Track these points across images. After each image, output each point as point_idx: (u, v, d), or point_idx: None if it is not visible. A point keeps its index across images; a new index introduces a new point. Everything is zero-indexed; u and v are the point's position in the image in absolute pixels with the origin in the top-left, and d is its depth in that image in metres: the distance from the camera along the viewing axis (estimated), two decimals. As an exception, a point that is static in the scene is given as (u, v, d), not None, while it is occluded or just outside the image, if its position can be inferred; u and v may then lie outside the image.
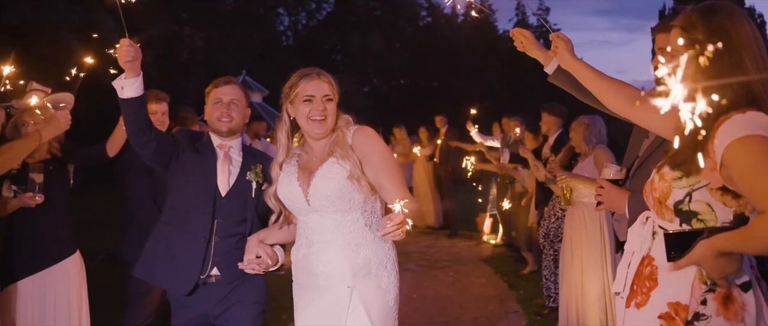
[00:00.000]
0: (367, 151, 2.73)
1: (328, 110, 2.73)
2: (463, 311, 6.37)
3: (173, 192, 3.26)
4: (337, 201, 2.67)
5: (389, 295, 2.75)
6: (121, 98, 2.96)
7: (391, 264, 2.78)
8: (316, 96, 2.72)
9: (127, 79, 2.92)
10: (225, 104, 3.24)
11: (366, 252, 2.71)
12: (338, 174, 2.67)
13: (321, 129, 2.73)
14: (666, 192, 1.95)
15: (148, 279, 3.34)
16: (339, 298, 2.71)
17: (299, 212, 2.81)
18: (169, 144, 3.21)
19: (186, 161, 3.21)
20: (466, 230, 11.18)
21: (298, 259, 2.85)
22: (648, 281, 1.98)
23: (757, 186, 1.71)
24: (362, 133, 2.78)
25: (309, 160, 2.81)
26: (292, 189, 2.76)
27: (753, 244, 1.75)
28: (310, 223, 2.77)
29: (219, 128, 3.26)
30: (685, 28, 1.97)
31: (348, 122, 2.81)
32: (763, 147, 1.72)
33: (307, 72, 2.77)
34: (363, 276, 2.71)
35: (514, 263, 8.60)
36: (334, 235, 2.72)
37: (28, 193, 3.76)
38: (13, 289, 3.76)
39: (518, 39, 2.79)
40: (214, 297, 3.19)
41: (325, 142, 2.78)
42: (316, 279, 2.76)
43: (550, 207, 5.93)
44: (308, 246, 2.78)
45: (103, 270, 4.52)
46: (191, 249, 3.14)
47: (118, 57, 2.88)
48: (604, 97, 2.33)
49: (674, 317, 1.88)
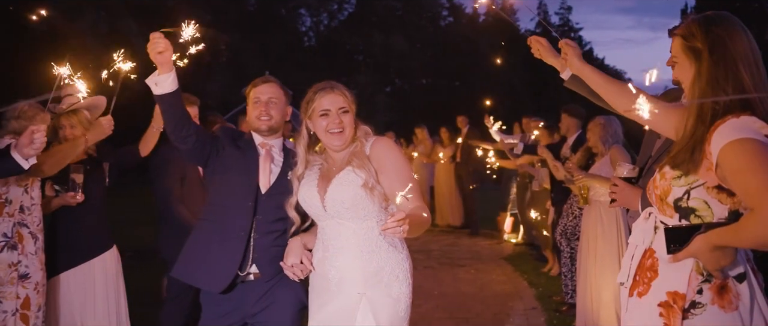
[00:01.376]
0: (384, 161, 2.79)
1: (345, 122, 2.82)
2: (483, 307, 6.50)
3: (214, 188, 3.24)
4: (351, 209, 2.74)
5: (400, 305, 2.79)
6: (157, 95, 2.94)
7: (403, 275, 2.82)
8: (332, 109, 2.81)
9: (161, 75, 2.89)
10: (263, 103, 3.23)
11: (378, 261, 2.77)
12: (353, 183, 2.74)
13: (339, 141, 2.82)
14: (667, 190, 2.09)
15: (184, 279, 3.30)
16: (349, 304, 2.78)
17: (317, 217, 2.91)
18: (209, 140, 3.19)
19: (227, 158, 3.20)
20: (487, 229, 11.30)
21: (314, 263, 2.94)
22: (649, 272, 2.12)
23: (747, 186, 1.84)
24: (380, 143, 2.85)
25: (329, 169, 2.90)
26: (311, 195, 2.85)
27: (743, 239, 1.88)
28: (327, 229, 2.86)
29: (259, 127, 3.25)
30: (686, 36, 2.12)
31: (367, 133, 2.89)
32: (754, 149, 1.85)
33: (322, 86, 2.85)
34: (374, 283, 2.76)
35: (534, 261, 8.71)
36: (348, 242, 2.79)
37: (69, 193, 4.00)
38: (57, 281, 4.03)
39: (535, 46, 2.92)
40: (253, 295, 3.16)
41: (345, 152, 2.86)
42: (328, 284, 2.84)
43: (568, 206, 6.05)
44: (324, 250, 2.87)
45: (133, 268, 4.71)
46: (229, 246, 3.11)
47: (149, 50, 2.85)
48: (610, 99, 2.48)
49: (672, 305, 2.03)
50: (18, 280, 3.64)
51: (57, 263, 4.04)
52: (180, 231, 3.95)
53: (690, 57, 2.13)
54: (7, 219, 3.66)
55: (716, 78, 2.02)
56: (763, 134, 1.90)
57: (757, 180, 1.80)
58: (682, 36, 2.15)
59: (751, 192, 1.83)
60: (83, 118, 4.17)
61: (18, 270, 3.64)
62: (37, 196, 3.85)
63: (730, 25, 2.06)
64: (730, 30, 2.05)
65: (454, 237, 11.15)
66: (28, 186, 3.78)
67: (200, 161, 3.22)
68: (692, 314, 2.01)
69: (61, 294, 4.05)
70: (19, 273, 3.64)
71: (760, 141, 1.87)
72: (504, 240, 10.51)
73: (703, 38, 2.07)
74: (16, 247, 3.66)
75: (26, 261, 3.68)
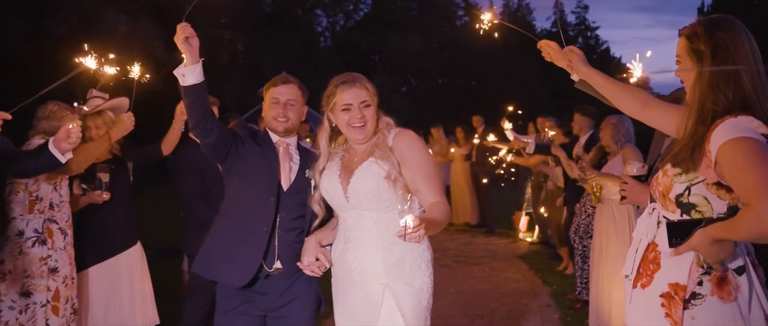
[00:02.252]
0: (407, 154, 2.79)
1: (367, 116, 2.81)
2: (498, 305, 6.58)
3: (234, 184, 3.22)
4: (373, 200, 2.74)
5: (422, 295, 2.78)
6: (184, 86, 2.91)
7: (425, 265, 2.81)
8: (354, 103, 2.79)
9: (188, 66, 2.87)
10: (282, 104, 3.21)
11: (400, 252, 2.75)
12: (376, 174, 2.74)
13: (361, 135, 2.82)
14: (669, 187, 2.18)
15: (204, 274, 3.30)
16: (372, 295, 2.77)
17: (339, 209, 2.90)
18: (229, 135, 3.17)
19: (247, 154, 3.19)
20: (503, 228, 11.35)
21: (335, 255, 2.93)
22: (652, 264, 2.22)
23: (743, 182, 1.93)
24: (403, 135, 2.84)
25: (350, 160, 2.89)
26: (334, 186, 2.84)
27: (739, 232, 1.97)
28: (349, 220, 2.85)
29: (275, 128, 3.24)
30: (690, 38, 2.20)
31: (389, 125, 2.88)
32: (750, 147, 1.94)
33: (344, 79, 2.83)
34: (396, 274, 2.75)
35: (549, 260, 8.76)
36: (370, 233, 2.78)
37: (96, 191, 4.17)
38: (85, 275, 4.21)
39: (545, 50, 3.00)
40: (275, 290, 3.17)
41: (367, 144, 2.86)
42: (351, 275, 2.83)
43: (581, 204, 6.11)
44: (345, 241, 2.87)
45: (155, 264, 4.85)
46: (252, 241, 3.11)
47: (177, 38, 2.82)
48: (616, 101, 2.57)
49: (674, 296, 2.12)
50: (48, 274, 3.81)
51: (86, 257, 4.22)
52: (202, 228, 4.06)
53: (693, 58, 2.21)
54: (38, 216, 3.82)
55: (717, 80, 2.11)
56: (759, 133, 1.98)
57: (753, 176, 1.89)
58: (686, 37, 2.23)
59: (746, 188, 1.92)
60: (108, 119, 4.33)
61: (48, 264, 3.81)
62: (65, 194, 4.01)
63: (733, 30, 2.14)
64: (733, 34, 2.13)
65: (469, 235, 11.22)
66: (56, 184, 3.94)
67: (220, 156, 3.19)
68: (692, 304, 2.10)
69: (89, 288, 4.23)
70: (49, 267, 3.81)
71: (756, 139, 1.96)
72: (519, 238, 10.57)
73: (706, 41, 2.15)
74: (46, 242, 3.82)
75: (56, 256, 3.85)
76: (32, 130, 4.02)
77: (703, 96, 2.14)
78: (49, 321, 3.79)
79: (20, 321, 3.71)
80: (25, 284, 3.76)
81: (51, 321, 3.80)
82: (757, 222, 1.88)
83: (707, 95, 2.13)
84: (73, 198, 4.16)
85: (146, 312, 4.50)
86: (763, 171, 1.89)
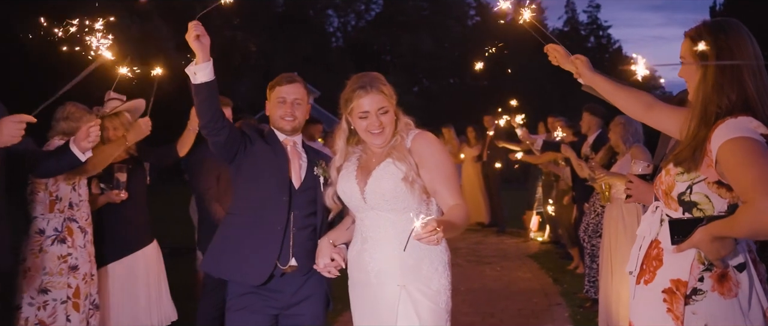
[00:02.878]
0: (426, 155, 2.76)
1: (385, 122, 2.78)
2: (509, 303, 6.64)
3: (244, 183, 3.22)
4: (391, 201, 2.72)
5: (440, 298, 2.75)
6: (195, 84, 2.92)
7: (442, 267, 2.79)
8: (371, 110, 2.76)
9: (199, 64, 2.87)
10: (289, 103, 3.23)
11: (418, 253, 2.70)
12: (394, 175, 2.72)
13: (379, 140, 2.80)
14: (671, 185, 2.25)
15: (215, 273, 3.32)
16: (389, 297, 2.75)
17: (356, 209, 2.88)
18: (238, 134, 3.17)
19: (256, 153, 3.20)
20: (514, 227, 11.40)
21: (352, 256, 2.91)
22: (655, 261, 2.28)
23: (742, 180, 1.99)
24: (422, 137, 2.82)
25: (368, 160, 2.88)
26: (351, 187, 2.83)
27: (738, 229, 2.02)
28: (366, 221, 2.83)
29: (283, 127, 3.26)
30: (695, 40, 2.26)
31: (408, 125, 2.85)
32: (748, 146, 2.01)
33: (360, 84, 2.78)
34: (413, 276, 2.73)
35: (560, 259, 8.81)
36: (387, 234, 2.75)
37: (114, 190, 4.28)
38: (105, 271, 4.34)
39: (551, 54, 3.05)
40: (289, 288, 3.19)
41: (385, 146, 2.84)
42: (368, 277, 2.81)
43: (590, 204, 6.16)
44: (362, 243, 2.84)
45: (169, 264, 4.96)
46: (267, 240, 3.12)
47: (188, 36, 2.83)
48: (620, 105, 2.65)
49: (675, 292, 2.18)
50: (68, 271, 3.92)
51: (105, 255, 4.34)
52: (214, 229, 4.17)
53: (697, 60, 2.26)
54: (58, 215, 3.93)
55: (721, 84, 2.16)
56: (759, 133, 2.04)
57: (751, 175, 1.95)
58: (691, 39, 2.28)
59: (745, 186, 1.98)
60: (125, 120, 4.43)
61: (68, 262, 3.92)
62: (84, 193, 4.12)
63: (738, 34, 2.20)
64: (737, 38, 2.19)
65: (481, 235, 11.28)
66: (75, 184, 4.05)
67: (229, 155, 3.18)
68: (693, 300, 2.16)
69: (109, 283, 4.36)
70: (69, 265, 3.92)
71: (755, 139, 2.02)
72: (530, 238, 10.62)
73: (711, 44, 2.20)
74: (65, 241, 3.93)
75: (76, 254, 3.96)
76: (51, 131, 4.13)
77: (706, 98, 2.20)
78: (70, 317, 3.90)
79: (40, 317, 3.83)
80: (44, 281, 3.87)
81: (72, 317, 3.91)
82: (754, 218, 1.93)
83: (711, 97, 2.19)
84: (91, 197, 4.27)
85: (163, 308, 4.61)
86: (760, 169, 1.94)
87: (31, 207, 3.93)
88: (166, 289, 4.68)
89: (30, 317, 3.83)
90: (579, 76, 2.79)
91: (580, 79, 3.00)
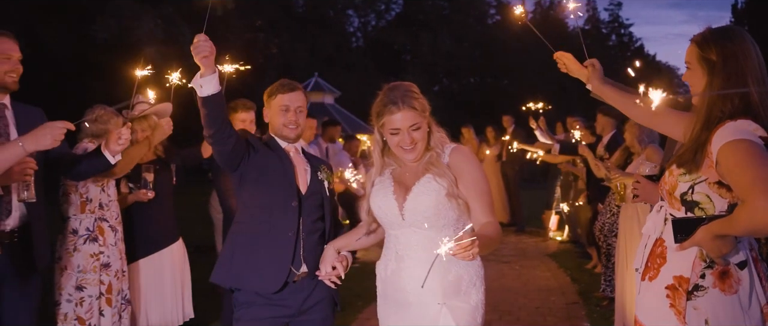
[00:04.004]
0: (465, 171, 2.72)
1: (417, 138, 2.70)
2: (526, 301, 6.72)
3: (251, 191, 3.19)
4: (432, 218, 2.66)
5: (477, 312, 2.73)
6: (202, 97, 2.87)
7: (480, 282, 2.77)
8: (402, 128, 2.68)
9: (204, 76, 2.84)
10: (292, 111, 3.24)
11: (457, 270, 2.69)
12: (436, 191, 2.66)
13: (411, 156, 2.73)
14: (674, 185, 2.35)
15: (227, 283, 3.27)
16: (429, 315, 2.69)
17: (391, 226, 2.79)
18: (243, 143, 3.14)
19: (261, 160, 3.18)
20: (533, 227, 11.45)
21: (387, 275, 2.83)
22: (659, 259, 2.38)
23: (740, 181, 2.09)
24: (460, 152, 2.77)
25: (402, 174, 2.80)
26: (388, 203, 2.75)
27: (736, 227, 2.11)
28: (402, 238, 2.75)
29: (287, 135, 3.26)
30: (702, 46, 2.34)
31: (443, 140, 2.79)
32: (747, 148, 2.10)
33: (393, 99, 2.68)
34: (453, 293, 2.68)
35: (578, 258, 8.86)
36: (425, 251, 2.67)
37: (141, 190, 4.46)
38: (135, 266, 4.53)
39: (561, 61, 3.14)
40: (301, 294, 3.19)
41: (420, 161, 2.78)
42: (406, 296, 2.73)
43: (606, 204, 6.23)
44: (398, 261, 2.77)
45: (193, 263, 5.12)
46: (279, 247, 3.12)
47: (194, 53, 2.80)
48: (627, 112, 2.76)
49: (678, 288, 2.28)
50: (101, 269, 4.11)
51: (135, 251, 4.53)
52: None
53: (704, 67, 2.34)
54: (89, 216, 4.12)
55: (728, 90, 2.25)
56: (757, 135, 2.13)
57: (748, 175, 2.04)
58: (698, 45, 2.37)
59: (743, 186, 2.07)
60: (152, 123, 4.59)
61: (100, 259, 4.11)
62: (113, 193, 4.29)
63: (743, 41, 2.29)
64: (743, 46, 2.27)
65: (500, 234, 11.30)
66: (103, 186, 4.22)
67: (234, 165, 3.16)
68: (695, 296, 2.26)
69: (139, 278, 4.57)
70: (101, 263, 4.11)
71: (753, 141, 2.11)
72: (549, 237, 10.66)
73: (718, 51, 2.29)
74: (97, 240, 4.12)
75: (107, 252, 4.14)
76: (80, 134, 4.30)
77: (711, 103, 2.29)
78: (104, 312, 4.10)
79: (78, 313, 4.04)
80: (79, 279, 4.07)
81: (105, 311, 4.10)
82: (752, 217, 2.02)
83: (716, 102, 2.28)
84: (120, 196, 4.45)
85: (186, 305, 4.78)
86: (757, 170, 2.03)
87: (64, 208, 4.12)
88: (189, 287, 4.85)
89: (69, 313, 4.04)
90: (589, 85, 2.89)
91: (589, 85, 3.09)
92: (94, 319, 4.06)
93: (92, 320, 4.05)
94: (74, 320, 4.02)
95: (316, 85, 23.61)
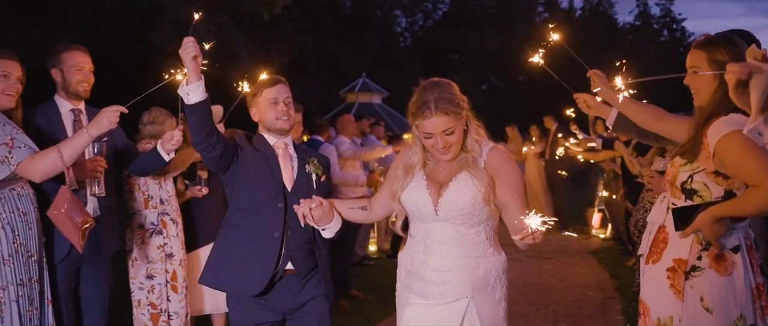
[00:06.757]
0: (502, 171, 2.74)
1: (451, 141, 2.69)
2: (563, 296, 6.90)
3: (238, 192, 3.22)
4: (467, 215, 2.69)
5: (501, 306, 2.79)
6: (189, 105, 2.88)
7: (504, 276, 2.81)
8: (435, 132, 2.67)
9: (191, 84, 2.85)
10: (282, 102, 3.25)
11: (486, 265, 2.73)
12: (473, 190, 2.68)
13: (445, 157, 2.74)
14: (675, 176, 2.59)
15: (214, 286, 3.32)
16: (455, 309, 2.72)
17: (422, 219, 2.80)
18: (231, 146, 3.14)
19: (248, 161, 3.19)
20: (577, 224, 11.53)
21: (413, 266, 2.84)
22: (662, 244, 2.63)
23: (747, 169, 2.34)
24: (498, 152, 2.78)
25: (435, 170, 2.82)
26: (422, 197, 2.76)
27: (747, 208, 2.37)
28: (432, 232, 2.77)
29: (281, 127, 3.26)
30: (710, 50, 2.53)
31: (480, 139, 2.80)
32: (744, 139, 2.33)
33: (426, 102, 2.65)
34: (481, 287, 2.72)
35: (620, 255, 8.93)
36: (455, 246, 2.72)
37: (196, 187, 4.86)
38: (195, 255, 4.90)
39: (581, 100, 3.40)
40: (290, 291, 3.21)
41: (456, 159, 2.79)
42: (431, 288, 2.76)
43: (640, 200, 6.36)
44: (426, 254, 2.79)
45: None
46: (264, 247, 3.14)
47: (182, 54, 2.83)
48: (635, 118, 3.03)
49: (677, 269, 2.53)
50: (166, 258, 4.53)
51: (196, 240, 4.92)
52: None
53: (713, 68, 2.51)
54: (153, 211, 4.52)
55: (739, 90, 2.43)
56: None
57: (755, 163, 2.30)
58: (705, 49, 2.55)
59: (751, 173, 2.32)
60: None
61: (165, 250, 4.53)
62: (171, 190, 4.68)
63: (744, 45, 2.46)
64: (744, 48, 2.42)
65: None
66: (161, 183, 4.61)
67: (223, 168, 3.18)
68: (692, 276, 2.50)
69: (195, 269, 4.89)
70: (166, 253, 4.53)
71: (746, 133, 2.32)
72: (592, 235, 10.73)
73: (727, 52, 2.47)
74: (161, 232, 4.53)
75: (171, 243, 4.56)
76: (139, 135, 4.72)
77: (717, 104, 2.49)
78: (170, 297, 4.53)
79: (150, 299, 4.48)
80: (148, 269, 4.50)
81: (171, 297, 4.53)
82: (765, 197, 2.29)
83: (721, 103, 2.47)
84: (178, 192, 4.83)
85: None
86: (760, 158, 2.29)
87: (130, 204, 4.54)
88: None
89: (142, 300, 4.49)
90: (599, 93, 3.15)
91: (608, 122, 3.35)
92: (163, 304, 4.50)
93: (162, 305, 4.49)
94: (148, 306, 4.47)
95: (364, 86, 23.89)
